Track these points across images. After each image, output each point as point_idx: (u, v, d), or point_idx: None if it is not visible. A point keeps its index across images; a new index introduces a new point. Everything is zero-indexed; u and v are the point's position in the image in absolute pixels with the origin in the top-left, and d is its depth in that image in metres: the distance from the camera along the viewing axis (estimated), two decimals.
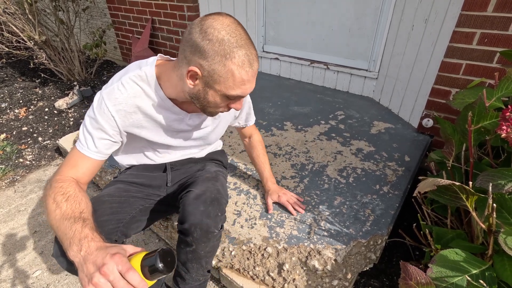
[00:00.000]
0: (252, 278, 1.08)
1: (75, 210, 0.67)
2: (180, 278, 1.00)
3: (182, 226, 0.86)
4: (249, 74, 0.70)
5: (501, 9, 1.24)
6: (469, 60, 1.40)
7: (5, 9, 2.57)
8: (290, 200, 1.24)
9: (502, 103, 0.87)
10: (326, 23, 2.18)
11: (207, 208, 0.86)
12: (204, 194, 0.89)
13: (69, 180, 0.75)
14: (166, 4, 2.56)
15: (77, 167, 0.78)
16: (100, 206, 0.84)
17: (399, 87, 1.88)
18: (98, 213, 0.82)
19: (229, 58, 0.66)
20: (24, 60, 3.59)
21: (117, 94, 0.78)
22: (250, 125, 1.20)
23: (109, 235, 0.81)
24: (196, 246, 0.88)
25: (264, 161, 1.26)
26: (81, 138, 0.79)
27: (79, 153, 0.79)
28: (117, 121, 0.80)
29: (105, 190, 0.95)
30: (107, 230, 0.81)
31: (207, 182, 0.97)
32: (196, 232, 0.84)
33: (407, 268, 0.68)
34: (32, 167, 1.91)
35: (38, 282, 1.22)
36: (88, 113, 0.80)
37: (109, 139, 0.81)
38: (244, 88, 0.71)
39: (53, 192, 0.70)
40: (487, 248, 0.74)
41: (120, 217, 0.87)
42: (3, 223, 1.50)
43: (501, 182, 0.70)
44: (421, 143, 1.64)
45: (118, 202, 0.89)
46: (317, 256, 1.06)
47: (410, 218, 1.37)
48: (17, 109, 2.59)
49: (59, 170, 0.78)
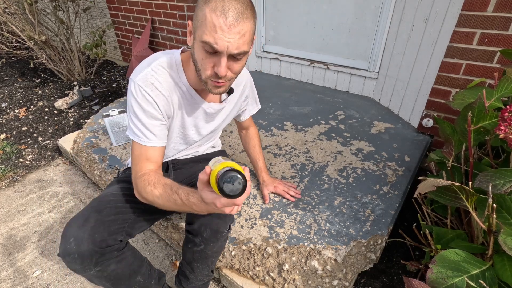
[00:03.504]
0: (252, 278, 1.08)
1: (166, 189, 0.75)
2: (184, 277, 1.00)
3: (192, 227, 0.87)
4: (221, 21, 0.66)
5: (501, 9, 1.24)
6: (469, 60, 1.40)
7: (5, 9, 2.57)
8: (285, 189, 1.29)
9: (501, 103, 0.87)
10: (326, 23, 2.18)
11: None
12: None
13: (147, 173, 0.81)
14: (166, 4, 2.56)
15: (148, 160, 0.83)
16: (105, 206, 0.84)
17: (399, 87, 1.88)
18: (104, 213, 0.82)
19: (206, 3, 0.68)
20: (24, 60, 3.60)
21: (152, 80, 0.80)
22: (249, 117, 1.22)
23: (115, 235, 0.81)
24: (205, 246, 0.88)
25: (259, 152, 1.28)
26: (138, 133, 0.82)
27: (143, 147, 0.83)
28: (159, 105, 0.82)
29: (108, 189, 0.95)
30: (113, 230, 0.81)
31: None
32: (206, 232, 0.85)
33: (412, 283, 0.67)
34: (32, 167, 1.91)
35: (38, 282, 1.22)
36: (132, 105, 0.81)
37: (161, 123, 0.84)
38: (216, 36, 0.67)
39: (143, 188, 0.78)
40: (487, 248, 0.74)
41: (125, 217, 0.86)
42: (3, 223, 1.50)
43: (500, 182, 0.70)
44: (421, 143, 1.64)
45: (122, 202, 0.89)
46: (317, 256, 1.06)
47: (410, 218, 1.37)
48: (17, 109, 2.59)
49: (135, 169, 0.83)
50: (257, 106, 1.21)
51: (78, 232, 0.75)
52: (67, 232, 0.77)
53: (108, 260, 0.79)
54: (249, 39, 0.72)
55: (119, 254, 0.82)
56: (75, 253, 0.74)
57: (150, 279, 0.97)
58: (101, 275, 0.81)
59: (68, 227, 0.78)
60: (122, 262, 0.84)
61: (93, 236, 0.76)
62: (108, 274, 0.82)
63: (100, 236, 0.77)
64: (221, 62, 0.71)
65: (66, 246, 0.75)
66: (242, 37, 0.69)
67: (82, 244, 0.74)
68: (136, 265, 0.90)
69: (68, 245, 0.74)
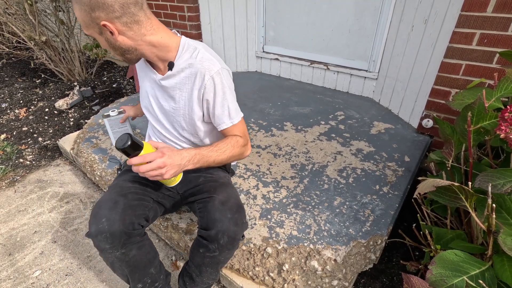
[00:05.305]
0: (252, 278, 1.09)
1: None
2: (190, 279, 1.00)
3: (208, 233, 0.86)
4: None
5: (501, 10, 1.24)
6: (469, 61, 1.40)
7: (6, 9, 2.57)
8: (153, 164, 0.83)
9: (501, 104, 0.87)
10: (326, 24, 2.18)
11: (234, 215, 0.87)
12: (229, 201, 0.90)
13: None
14: (166, 4, 2.57)
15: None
16: (128, 191, 0.90)
17: (399, 88, 1.88)
18: (129, 198, 0.87)
19: None
20: (25, 60, 3.60)
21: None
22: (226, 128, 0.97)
23: (139, 219, 0.86)
24: (219, 253, 0.88)
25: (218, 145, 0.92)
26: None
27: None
28: None
29: (121, 177, 0.98)
30: (138, 214, 0.86)
31: (225, 187, 0.97)
32: (223, 239, 0.85)
33: (410, 280, 0.68)
34: (32, 167, 1.91)
35: (38, 282, 1.22)
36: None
37: None
38: None
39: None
40: (487, 249, 0.74)
41: (145, 203, 0.91)
42: (3, 223, 1.50)
43: (500, 182, 0.70)
44: (421, 144, 1.64)
45: (141, 189, 0.93)
46: (316, 257, 1.06)
47: (410, 218, 1.37)
48: (17, 109, 2.59)
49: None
50: (231, 120, 0.95)
51: (110, 213, 0.82)
52: (98, 213, 0.82)
53: (132, 244, 0.86)
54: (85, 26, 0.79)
55: (141, 239, 0.89)
56: (107, 232, 0.80)
57: (160, 273, 1.01)
58: (124, 258, 0.86)
59: (99, 209, 0.83)
60: (142, 249, 0.90)
61: (124, 218, 0.82)
62: (129, 259, 0.88)
63: (129, 218, 0.83)
64: None
65: (98, 226, 0.80)
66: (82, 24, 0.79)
67: (114, 225, 0.81)
68: (152, 255, 0.95)
69: (100, 225, 0.80)
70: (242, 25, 2.53)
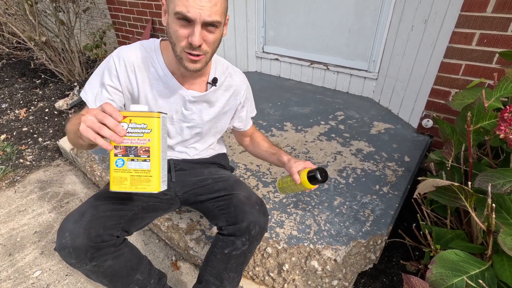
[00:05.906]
0: (252, 278, 1.09)
1: None
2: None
3: (238, 226, 0.86)
4: None
5: (500, 10, 1.25)
6: (469, 61, 1.40)
7: (6, 10, 2.57)
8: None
9: (501, 104, 0.87)
10: (326, 24, 2.18)
11: (261, 207, 0.90)
12: (252, 195, 0.92)
13: None
14: None
15: None
16: (102, 202, 0.85)
17: (398, 88, 1.89)
18: (100, 209, 0.82)
19: None
20: (25, 60, 3.60)
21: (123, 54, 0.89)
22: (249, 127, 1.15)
23: (110, 230, 0.81)
24: (249, 246, 0.89)
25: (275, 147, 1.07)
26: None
27: None
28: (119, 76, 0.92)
29: (107, 186, 0.94)
30: (108, 226, 0.81)
31: (241, 184, 0.98)
32: (254, 229, 0.86)
33: (410, 280, 0.68)
34: (32, 167, 1.91)
35: (38, 282, 1.22)
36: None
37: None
38: (188, 4, 0.70)
39: None
40: (487, 248, 0.74)
41: (122, 214, 0.87)
42: (3, 223, 1.50)
43: (499, 182, 0.70)
44: (421, 144, 1.64)
45: (121, 199, 0.89)
46: (316, 256, 1.06)
47: (410, 218, 1.37)
48: (17, 109, 2.59)
49: None
50: (254, 113, 1.18)
51: (73, 227, 0.77)
52: (63, 227, 0.78)
53: (104, 255, 0.80)
54: (221, 11, 0.74)
55: (115, 250, 0.83)
56: (70, 247, 0.75)
57: (149, 278, 0.96)
58: (97, 270, 0.82)
59: (65, 222, 0.79)
60: (119, 258, 0.84)
61: (88, 231, 0.76)
62: (105, 270, 0.82)
63: (95, 231, 0.77)
64: (195, 31, 0.72)
65: (61, 241, 0.76)
66: (214, 6, 0.71)
67: (77, 239, 0.75)
68: (135, 262, 0.90)
69: (63, 240, 0.76)
70: (242, 25, 2.53)
